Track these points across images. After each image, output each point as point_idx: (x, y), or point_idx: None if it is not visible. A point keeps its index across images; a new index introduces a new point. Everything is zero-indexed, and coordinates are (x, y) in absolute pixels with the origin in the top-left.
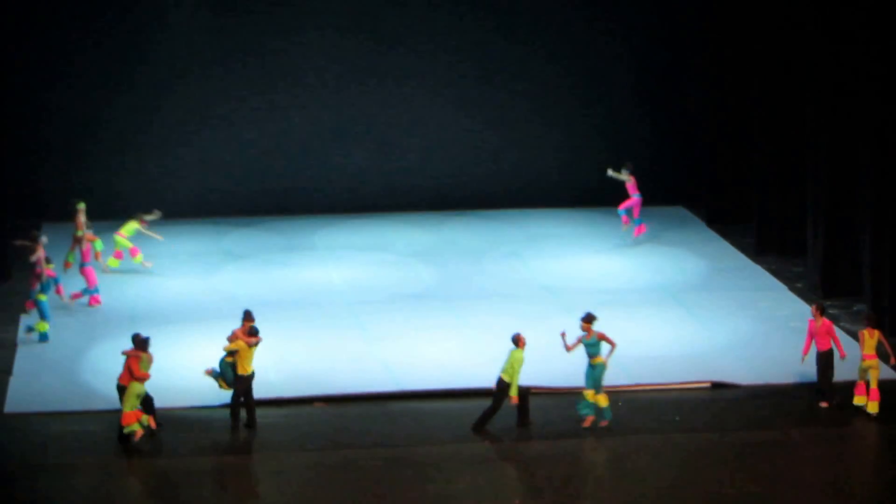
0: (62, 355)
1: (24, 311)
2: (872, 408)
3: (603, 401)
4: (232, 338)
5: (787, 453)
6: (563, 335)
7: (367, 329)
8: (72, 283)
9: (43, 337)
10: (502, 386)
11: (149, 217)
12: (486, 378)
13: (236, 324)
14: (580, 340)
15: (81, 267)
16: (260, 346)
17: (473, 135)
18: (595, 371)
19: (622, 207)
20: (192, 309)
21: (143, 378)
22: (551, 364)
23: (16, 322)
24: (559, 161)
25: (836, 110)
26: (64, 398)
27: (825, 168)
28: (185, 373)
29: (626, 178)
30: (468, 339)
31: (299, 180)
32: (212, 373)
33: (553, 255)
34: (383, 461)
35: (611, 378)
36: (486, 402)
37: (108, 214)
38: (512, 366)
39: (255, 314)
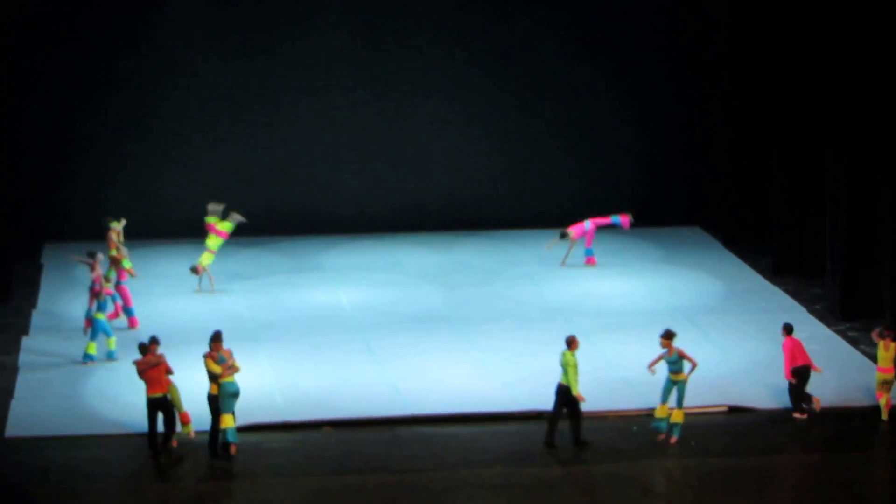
0: (65, 378)
1: (26, 333)
2: (884, 415)
3: (680, 417)
4: (228, 365)
5: (804, 479)
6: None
7: (376, 352)
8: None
9: (110, 355)
10: (560, 390)
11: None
12: (497, 402)
13: (244, 346)
14: (661, 357)
15: (117, 286)
16: (268, 368)
17: (485, 155)
18: (678, 387)
19: (589, 246)
20: (198, 331)
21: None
22: None
23: (18, 344)
24: (573, 182)
25: (854, 130)
26: (67, 422)
27: (844, 188)
28: (190, 397)
29: (569, 239)
30: (479, 363)
31: (307, 200)
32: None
33: (566, 277)
34: (392, 487)
35: (626, 402)
36: (499, 427)
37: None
38: (565, 368)
39: (262, 336)
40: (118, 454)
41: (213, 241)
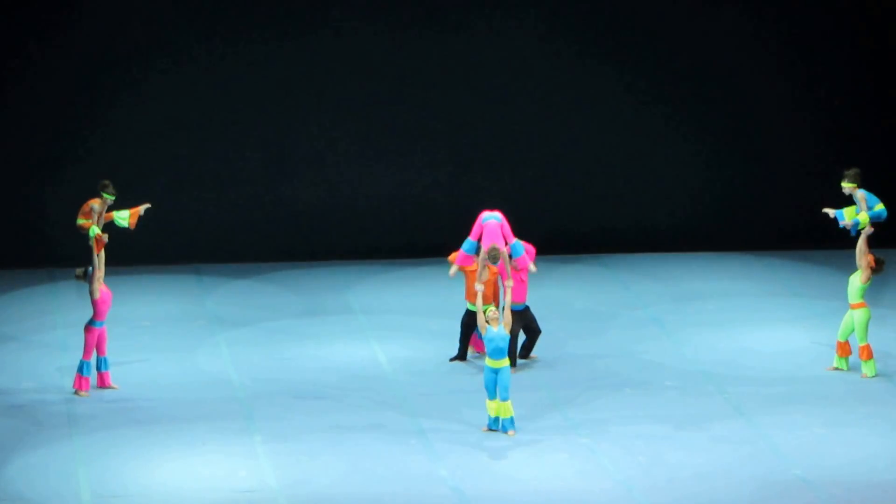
0: None
1: None
2: None
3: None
4: None
5: None
6: None
7: (429, 435)
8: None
9: None
10: None
11: None
12: None
13: (230, 426)
14: None
15: None
16: (266, 461)
17: (596, 149)
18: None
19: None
20: (165, 407)
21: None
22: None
23: None
24: (724, 189)
25: None
26: None
27: None
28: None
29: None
30: (585, 452)
31: (324, 209)
32: None
33: (711, 323)
34: None
35: None
36: None
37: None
38: None
39: (258, 413)
40: None
41: None
